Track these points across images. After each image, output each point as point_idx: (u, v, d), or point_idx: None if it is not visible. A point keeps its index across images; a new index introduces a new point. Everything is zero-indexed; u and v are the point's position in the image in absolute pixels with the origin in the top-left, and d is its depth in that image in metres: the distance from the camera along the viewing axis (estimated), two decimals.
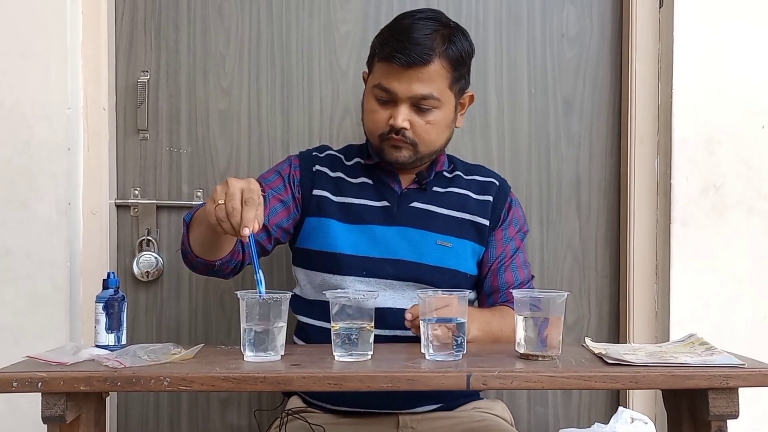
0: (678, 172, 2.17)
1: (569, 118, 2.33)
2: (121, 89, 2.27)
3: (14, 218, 2.08)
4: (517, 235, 1.95)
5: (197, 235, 1.74)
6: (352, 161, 1.96)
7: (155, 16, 2.28)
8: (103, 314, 1.62)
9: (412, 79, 1.79)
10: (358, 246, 1.85)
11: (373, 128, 1.86)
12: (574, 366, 1.45)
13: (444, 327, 1.49)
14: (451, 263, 1.87)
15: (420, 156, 1.86)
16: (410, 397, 1.83)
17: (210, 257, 1.76)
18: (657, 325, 2.23)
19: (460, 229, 1.90)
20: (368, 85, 1.88)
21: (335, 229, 1.86)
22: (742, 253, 2.18)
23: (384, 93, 1.82)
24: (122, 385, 1.37)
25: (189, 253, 1.77)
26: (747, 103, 2.18)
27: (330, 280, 1.84)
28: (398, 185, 1.92)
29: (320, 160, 1.96)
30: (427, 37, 1.79)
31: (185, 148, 2.28)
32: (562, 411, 2.34)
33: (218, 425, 2.29)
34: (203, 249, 1.75)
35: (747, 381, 1.40)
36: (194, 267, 1.81)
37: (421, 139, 1.84)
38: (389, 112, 1.83)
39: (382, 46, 1.83)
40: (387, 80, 1.81)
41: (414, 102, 1.81)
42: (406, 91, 1.80)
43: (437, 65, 1.80)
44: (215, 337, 2.28)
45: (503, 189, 1.98)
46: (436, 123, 1.84)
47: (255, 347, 1.50)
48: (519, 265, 1.94)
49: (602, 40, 2.34)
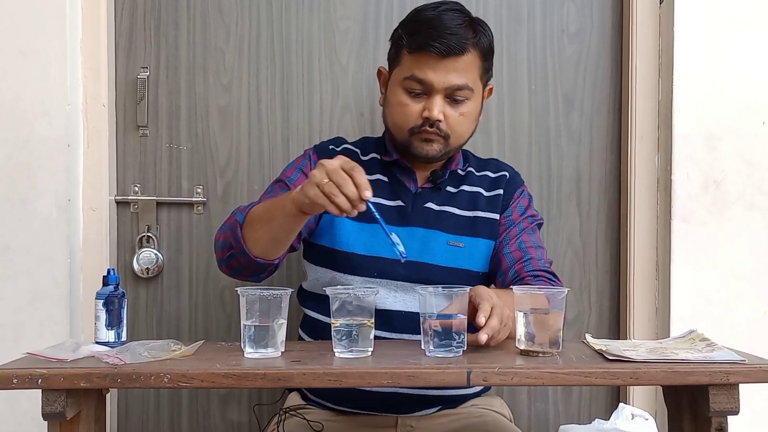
0: (678, 169, 2.17)
1: (569, 114, 2.33)
2: (120, 86, 2.27)
3: (14, 215, 2.08)
4: (522, 218, 1.90)
5: (260, 234, 1.68)
6: (369, 156, 1.93)
7: (155, 12, 2.27)
8: (103, 311, 1.62)
9: (448, 69, 1.76)
10: (370, 245, 1.82)
11: (403, 122, 1.82)
12: (575, 362, 1.45)
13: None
14: (464, 263, 1.84)
15: (449, 149, 1.84)
16: (412, 403, 1.82)
17: (271, 256, 1.71)
18: (657, 321, 2.23)
19: (473, 228, 1.87)
20: (395, 78, 1.83)
21: (348, 227, 1.83)
22: (743, 249, 2.18)
23: (418, 84, 1.78)
24: (122, 381, 1.37)
25: (245, 255, 1.69)
26: (747, 100, 2.18)
27: (340, 278, 1.82)
28: (414, 184, 1.89)
29: (337, 154, 1.88)
30: (461, 27, 1.77)
31: (185, 145, 2.28)
32: (563, 407, 2.34)
33: (218, 421, 2.29)
34: (267, 248, 1.69)
35: (748, 377, 1.39)
36: (238, 271, 1.76)
37: (453, 131, 1.81)
38: (422, 104, 1.79)
39: (412, 36, 1.79)
40: (421, 71, 1.77)
41: (448, 93, 1.78)
42: (442, 81, 1.77)
43: (471, 55, 1.78)
44: (215, 334, 2.28)
45: (513, 181, 1.95)
46: (468, 114, 1.82)
47: (255, 344, 1.49)
48: (529, 245, 1.86)
49: (602, 37, 2.33)
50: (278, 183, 1.88)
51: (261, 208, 1.70)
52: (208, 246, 2.27)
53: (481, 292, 1.55)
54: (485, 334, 1.49)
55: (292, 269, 2.27)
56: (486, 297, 1.53)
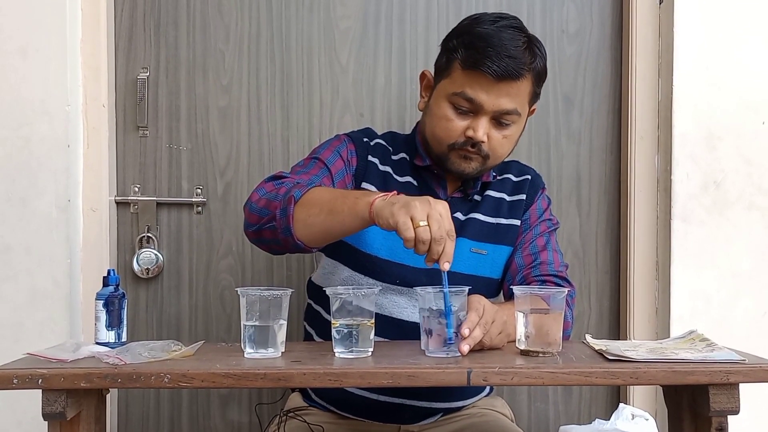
0: (678, 168, 2.17)
1: (569, 114, 2.33)
2: (120, 86, 2.27)
3: (14, 215, 2.08)
4: (538, 221, 1.87)
5: (315, 221, 1.58)
6: (399, 156, 1.87)
7: (154, 12, 2.28)
8: (103, 311, 1.62)
9: (501, 93, 1.71)
10: (395, 252, 1.76)
11: (444, 137, 1.76)
12: (575, 362, 1.45)
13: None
14: (486, 271, 1.82)
15: (486, 168, 1.79)
16: (416, 414, 1.80)
17: (315, 245, 1.64)
18: (657, 321, 2.23)
19: (496, 235, 1.84)
20: (442, 89, 1.76)
21: (376, 229, 1.64)
22: (743, 249, 2.18)
23: (466, 103, 1.72)
24: (123, 381, 1.37)
25: (287, 233, 1.59)
26: (747, 99, 2.18)
27: (359, 279, 1.78)
28: (443, 192, 1.84)
29: (372, 149, 1.86)
30: (520, 50, 1.70)
31: (185, 145, 2.28)
32: (563, 407, 2.34)
33: (218, 422, 2.29)
34: (315, 236, 1.61)
35: (748, 377, 1.39)
36: (266, 242, 1.66)
37: (494, 153, 1.76)
38: (467, 122, 1.73)
39: (468, 51, 1.71)
40: (473, 90, 1.71)
41: (496, 116, 1.73)
42: (493, 104, 1.71)
43: (526, 80, 1.73)
44: (215, 334, 2.28)
45: (535, 184, 1.92)
46: (510, 137, 1.77)
47: (255, 344, 1.49)
48: (541, 248, 1.84)
49: (602, 37, 2.33)
50: (315, 161, 1.79)
51: (324, 195, 1.61)
52: (209, 246, 2.28)
53: (472, 302, 1.53)
54: (467, 345, 1.47)
55: (292, 269, 2.27)
56: (475, 307, 1.52)
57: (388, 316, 1.76)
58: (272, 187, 1.67)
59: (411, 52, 2.30)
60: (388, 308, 1.77)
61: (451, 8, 2.29)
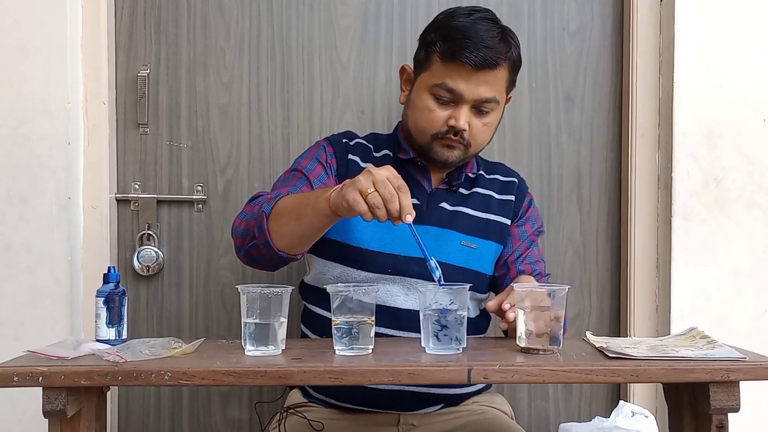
0: (679, 166, 2.17)
1: (570, 112, 2.33)
2: (121, 83, 2.27)
3: (14, 213, 2.08)
4: (533, 233, 1.94)
5: (287, 229, 1.64)
6: (381, 153, 1.92)
7: (155, 10, 2.27)
8: (103, 309, 1.62)
9: (479, 82, 1.76)
10: (385, 242, 1.80)
11: (427, 127, 1.81)
12: (575, 360, 1.45)
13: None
14: (475, 264, 1.85)
15: (467, 156, 1.85)
16: (414, 401, 1.82)
17: (295, 251, 1.69)
18: (658, 318, 2.23)
19: (486, 230, 1.88)
20: (423, 82, 1.82)
21: (362, 222, 1.70)
22: (743, 247, 2.18)
23: (447, 93, 1.77)
24: (123, 379, 1.37)
25: (268, 248, 1.66)
26: (748, 97, 2.17)
27: (352, 274, 1.81)
28: (428, 184, 1.88)
29: (352, 148, 1.91)
30: (495, 40, 1.76)
31: (185, 143, 2.28)
32: (563, 405, 2.34)
33: (219, 419, 2.29)
34: (292, 244, 1.67)
35: (748, 374, 1.40)
36: (257, 260, 1.73)
37: (475, 140, 1.82)
38: (448, 112, 1.79)
39: (446, 43, 1.77)
40: (453, 81, 1.76)
41: (476, 104, 1.79)
42: (473, 93, 1.77)
43: (503, 69, 1.79)
44: (216, 332, 2.28)
45: (522, 188, 1.97)
46: (490, 125, 1.83)
47: (256, 341, 1.49)
48: (536, 259, 1.92)
49: (603, 35, 2.33)
50: (295, 172, 1.85)
51: (290, 202, 1.66)
52: (209, 244, 2.28)
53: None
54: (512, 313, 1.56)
55: (291, 266, 2.26)
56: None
57: (382, 305, 1.77)
58: (249, 209, 1.74)
59: (411, 50, 2.26)
60: (381, 297, 1.78)
61: (451, 6, 2.28)
